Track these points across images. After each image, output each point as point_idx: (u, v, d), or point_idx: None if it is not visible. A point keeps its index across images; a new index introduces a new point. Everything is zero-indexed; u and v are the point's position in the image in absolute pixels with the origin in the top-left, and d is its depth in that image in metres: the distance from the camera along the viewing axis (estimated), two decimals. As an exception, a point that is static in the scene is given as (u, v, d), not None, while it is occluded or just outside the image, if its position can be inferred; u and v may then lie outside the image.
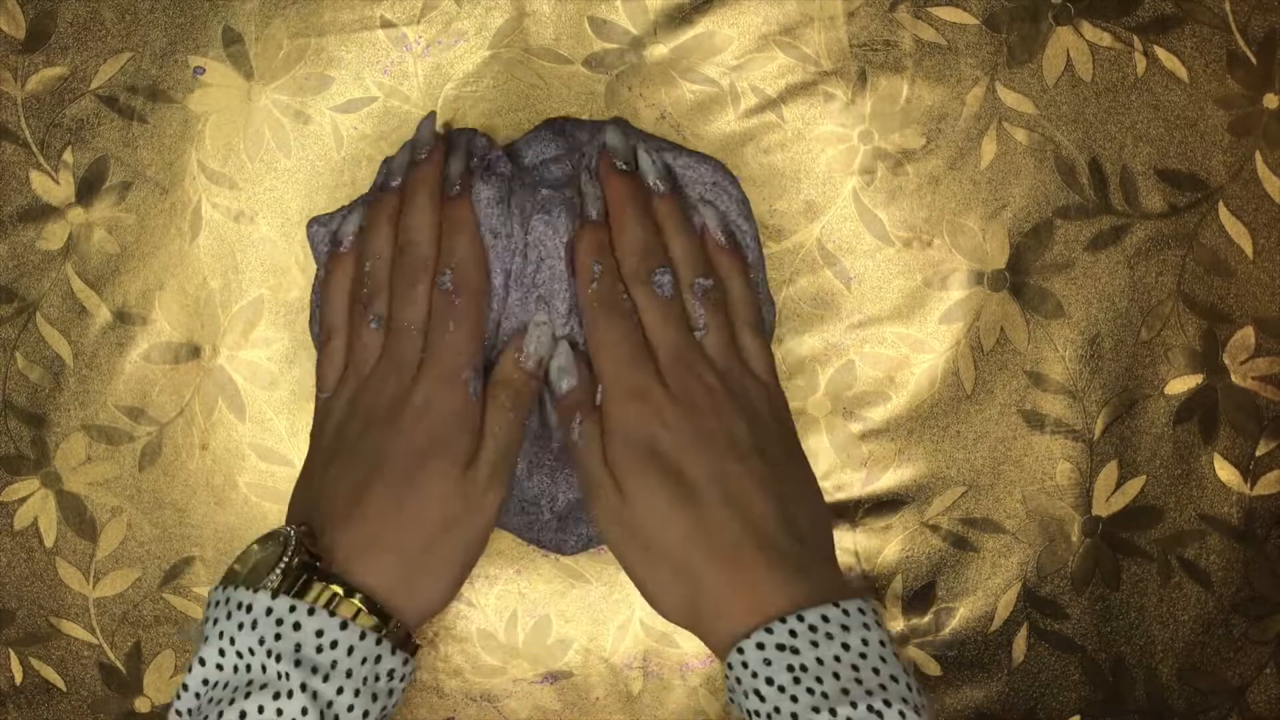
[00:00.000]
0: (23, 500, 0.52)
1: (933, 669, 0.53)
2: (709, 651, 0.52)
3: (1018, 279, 0.52)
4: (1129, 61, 0.52)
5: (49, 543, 0.52)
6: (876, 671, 0.40)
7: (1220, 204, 0.52)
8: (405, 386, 0.45)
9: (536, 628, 0.53)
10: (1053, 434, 0.52)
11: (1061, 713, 0.53)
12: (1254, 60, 0.52)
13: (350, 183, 0.52)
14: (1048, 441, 0.52)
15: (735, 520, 0.43)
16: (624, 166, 0.48)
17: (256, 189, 0.52)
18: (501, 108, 0.52)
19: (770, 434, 0.46)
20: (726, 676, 0.42)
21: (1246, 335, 0.52)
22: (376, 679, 0.41)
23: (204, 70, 0.51)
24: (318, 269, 0.50)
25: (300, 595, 0.41)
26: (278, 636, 0.40)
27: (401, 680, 0.42)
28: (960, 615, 0.53)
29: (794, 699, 0.39)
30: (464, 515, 0.45)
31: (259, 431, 0.52)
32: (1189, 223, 0.52)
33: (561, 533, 0.50)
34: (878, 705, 0.39)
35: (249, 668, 0.40)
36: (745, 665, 0.41)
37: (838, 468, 0.52)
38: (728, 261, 0.49)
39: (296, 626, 0.40)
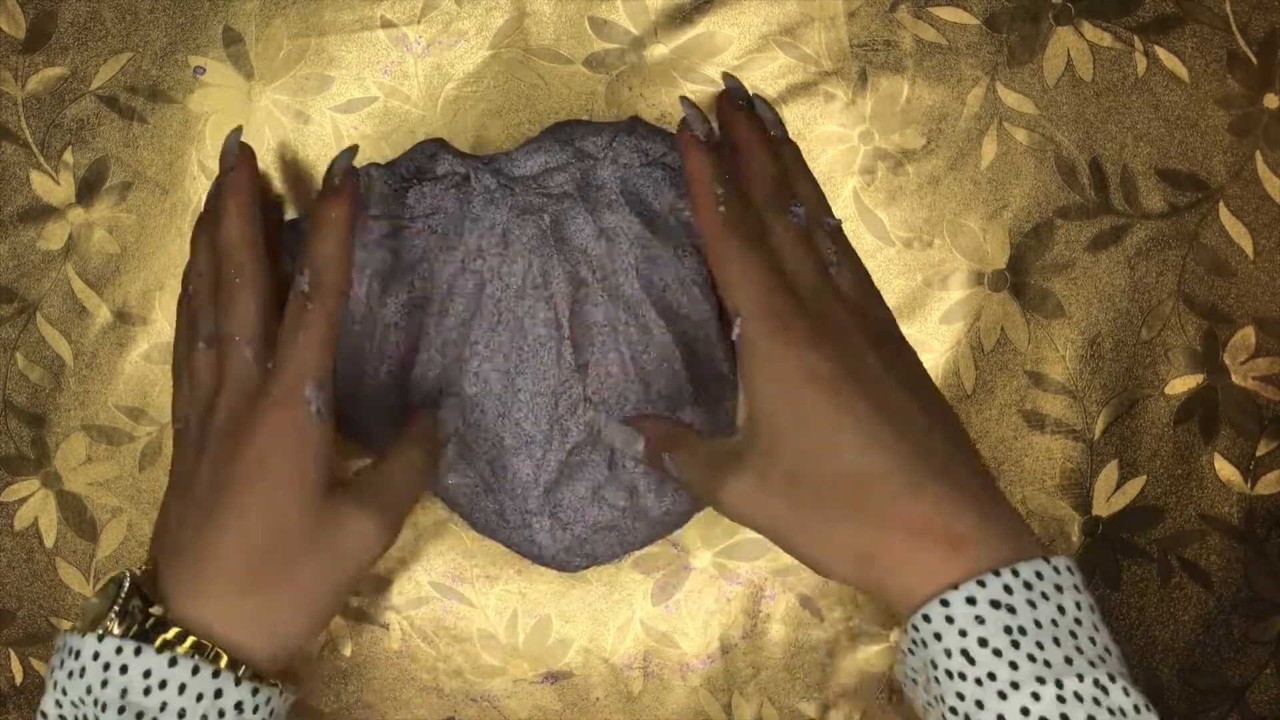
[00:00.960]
0: (23, 500, 0.52)
1: (933, 669, 0.53)
2: (709, 652, 0.53)
3: (1018, 279, 0.52)
4: (1129, 61, 0.52)
5: (49, 543, 0.52)
6: (1093, 640, 0.37)
7: (1221, 204, 0.52)
8: (243, 401, 0.42)
9: (537, 628, 0.53)
10: (1053, 434, 0.52)
11: (1062, 713, 0.53)
12: (1254, 60, 0.52)
13: (350, 183, 0.52)
14: (1048, 441, 0.52)
15: (914, 453, 0.39)
16: (743, 104, 0.47)
17: (257, 189, 0.52)
18: (502, 108, 0.52)
19: (917, 368, 0.43)
20: (912, 632, 0.38)
21: (1247, 335, 0.52)
22: (221, 714, 0.39)
23: (204, 70, 0.51)
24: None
25: (140, 641, 0.39)
26: (104, 683, 0.38)
27: (256, 712, 0.39)
28: (960, 615, 0.53)
29: (1013, 665, 0.36)
30: (315, 543, 0.41)
31: (259, 432, 0.52)
32: (1189, 223, 0.52)
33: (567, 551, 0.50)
34: (1103, 679, 0.36)
35: (79, 719, 0.38)
36: (950, 620, 0.37)
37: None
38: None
39: (124, 669, 0.38)
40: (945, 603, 0.37)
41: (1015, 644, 0.36)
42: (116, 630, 0.39)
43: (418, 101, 0.52)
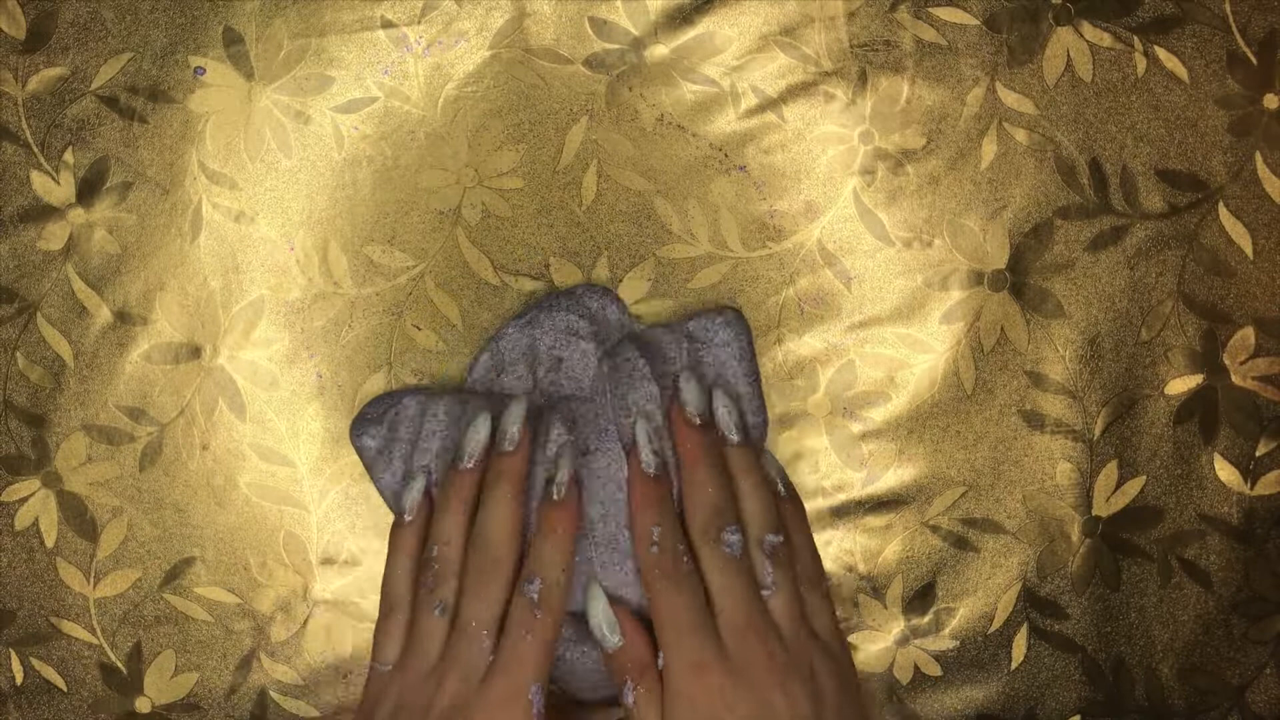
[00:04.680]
0: (23, 500, 0.52)
1: (933, 669, 0.53)
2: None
3: (1018, 279, 0.52)
4: (1129, 62, 0.52)
5: (50, 543, 0.52)
6: None
7: (1220, 204, 0.52)
8: (469, 690, 0.44)
9: (537, 628, 0.53)
10: (1053, 434, 0.52)
11: (1062, 713, 0.53)
12: (1254, 60, 0.52)
13: (351, 183, 0.52)
14: (1048, 441, 0.52)
15: None
16: (698, 419, 0.47)
17: (257, 189, 0.52)
18: (502, 108, 0.52)
19: (832, 706, 0.44)
20: None
21: (1246, 335, 0.52)
22: None
23: (205, 70, 0.51)
24: (375, 479, 0.50)
25: None
26: None
27: None
28: (960, 615, 0.53)
29: None
30: None
31: (260, 432, 0.52)
32: (1189, 223, 0.52)
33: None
34: None
35: None
36: None
37: (838, 468, 0.52)
38: (790, 511, 0.48)
39: None
40: None
41: None
42: None
43: (418, 101, 0.52)
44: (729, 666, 0.43)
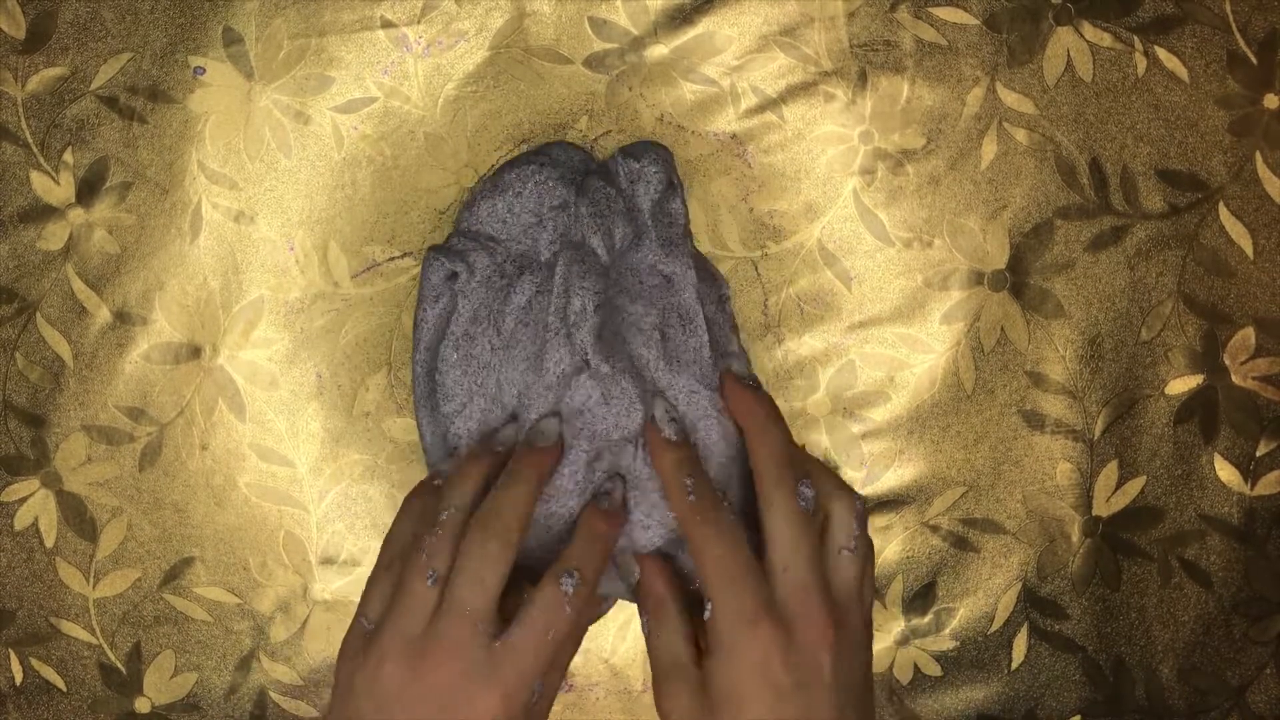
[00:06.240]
0: (23, 500, 0.52)
1: (933, 669, 0.53)
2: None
3: (1018, 279, 0.52)
4: (1129, 62, 0.52)
5: (49, 543, 0.52)
6: None
7: (1220, 204, 0.52)
8: (462, 677, 0.42)
9: (537, 628, 0.53)
10: (1053, 434, 0.52)
11: (1062, 713, 0.53)
12: (1254, 60, 0.52)
13: (350, 183, 0.52)
14: (1048, 441, 0.52)
15: None
16: (751, 382, 0.48)
17: (257, 189, 0.52)
18: (501, 108, 0.52)
19: (864, 678, 0.44)
20: None
21: (1247, 335, 0.52)
22: None
23: (204, 70, 0.51)
24: (422, 298, 0.49)
25: None
26: None
27: None
28: (960, 615, 0.53)
29: None
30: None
31: (259, 432, 0.52)
32: (1189, 223, 0.52)
33: None
34: None
35: None
36: None
37: (838, 468, 0.52)
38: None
39: None
40: None
41: None
42: None
43: (418, 102, 0.52)
44: (780, 620, 0.42)
